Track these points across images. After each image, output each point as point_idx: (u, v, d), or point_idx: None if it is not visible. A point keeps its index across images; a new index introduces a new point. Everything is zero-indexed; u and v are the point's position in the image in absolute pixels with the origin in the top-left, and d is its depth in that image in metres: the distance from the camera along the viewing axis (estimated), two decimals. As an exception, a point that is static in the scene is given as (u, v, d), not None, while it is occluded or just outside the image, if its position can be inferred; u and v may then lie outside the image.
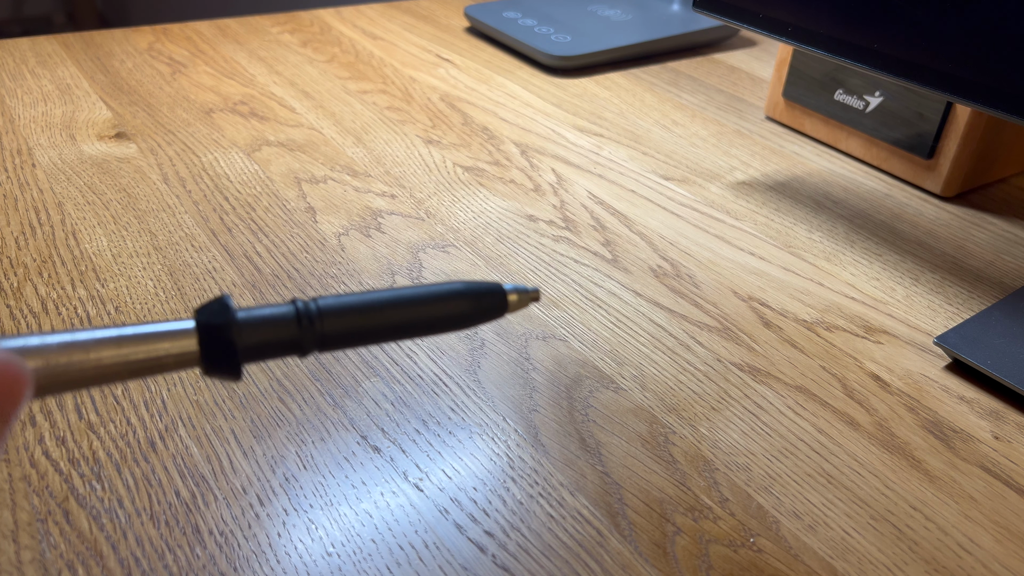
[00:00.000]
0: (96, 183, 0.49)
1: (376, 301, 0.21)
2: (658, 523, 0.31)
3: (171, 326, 0.19)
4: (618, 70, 0.71)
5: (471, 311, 0.23)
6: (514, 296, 0.24)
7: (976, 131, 0.51)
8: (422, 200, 0.50)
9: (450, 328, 0.23)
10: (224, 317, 0.20)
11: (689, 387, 0.37)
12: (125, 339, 0.19)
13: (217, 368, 0.20)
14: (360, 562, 0.29)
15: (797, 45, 0.45)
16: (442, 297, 0.22)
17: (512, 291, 0.24)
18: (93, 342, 0.18)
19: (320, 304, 0.21)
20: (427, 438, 0.34)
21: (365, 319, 0.21)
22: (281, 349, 0.20)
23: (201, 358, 0.20)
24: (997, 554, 0.30)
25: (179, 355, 0.19)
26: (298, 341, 0.20)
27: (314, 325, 0.20)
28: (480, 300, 0.23)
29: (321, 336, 0.21)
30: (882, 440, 0.35)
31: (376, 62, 0.69)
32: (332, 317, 0.21)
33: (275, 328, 0.20)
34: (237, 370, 0.20)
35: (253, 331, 0.20)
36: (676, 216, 0.50)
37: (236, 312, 0.20)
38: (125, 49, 0.68)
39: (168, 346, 0.19)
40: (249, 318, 0.20)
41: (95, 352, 0.18)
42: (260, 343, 0.20)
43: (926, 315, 0.43)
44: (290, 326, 0.20)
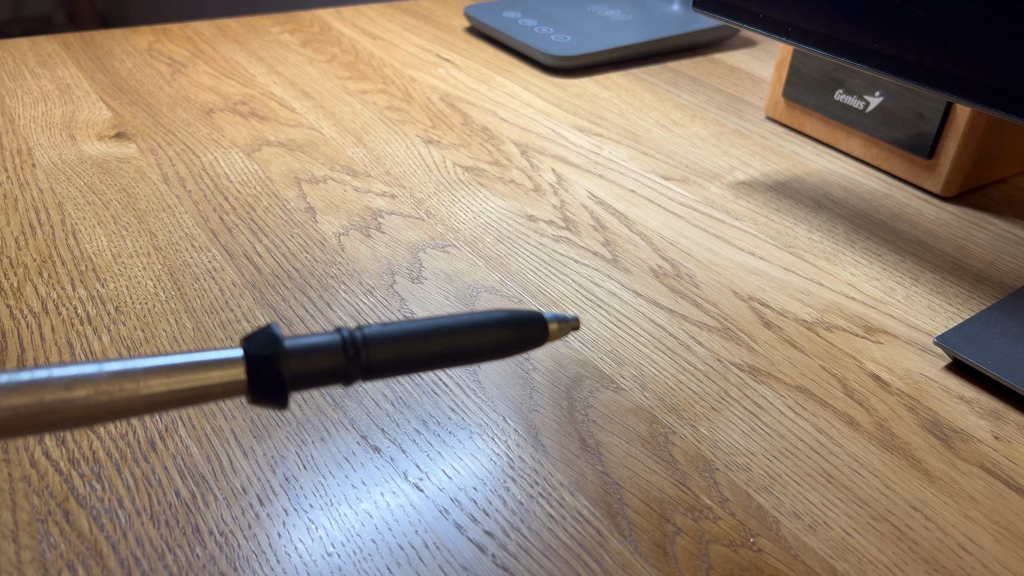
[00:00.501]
0: (96, 183, 0.49)
1: (421, 330, 0.22)
2: (658, 523, 0.31)
3: (220, 355, 0.20)
4: (618, 70, 0.71)
5: (513, 341, 0.23)
6: (555, 325, 0.24)
7: (976, 131, 0.51)
8: (422, 200, 0.50)
9: (491, 357, 0.23)
10: (273, 347, 0.20)
11: (689, 387, 0.37)
12: (174, 368, 0.19)
13: (264, 397, 0.20)
14: (360, 562, 0.29)
15: (797, 45, 0.45)
16: (485, 326, 0.22)
17: (553, 320, 0.24)
18: (143, 371, 0.19)
19: (366, 333, 0.21)
20: (427, 438, 0.34)
21: (410, 348, 0.21)
22: (327, 378, 0.20)
23: (249, 388, 0.20)
24: (997, 554, 0.30)
25: (227, 384, 0.19)
26: (344, 370, 0.20)
27: (360, 355, 0.21)
28: (522, 330, 0.23)
29: (367, 366, 0.21)
30: (882, 440, 0.35)
31: (376, 62, 0.69)
32: (378, 346, 0.21)
33: (322, 358, 0.20)
34: (284, 399, 0.20)
35: (301, 361, 0.20)
36: (676, 216, 0.50)
37: (284, 341, 0.20)
38: (125, 49, 0.68)
39: (217, 375, 0.19)
40: (297, 347, 0.20)
41: (145, 381, 0.19)
42: (307, 373, 0.20)
43: (926, 315, 0.43)
44: (337, 356, 0.20)
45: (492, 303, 0.41)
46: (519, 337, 0.23)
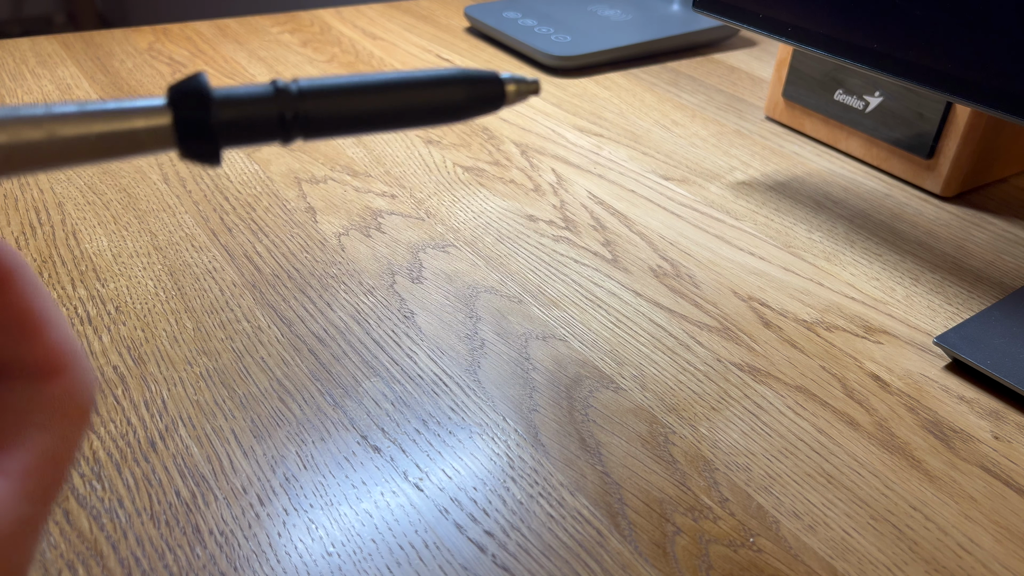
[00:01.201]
0: (96, 183, 0.49)
1: (363, 83, 0.20)
2: (658, 523, 0.31)
3: (144, 102, 0.19)
4: (618, 70, 0.71)
5: (465, 100, 0.21)
6: (512, 86, 0.22)
7: (976, 131, 0.51)
8: (422, 200, 0.50)
9: (443, 119, 0.21)
10: (198, 92, 0.19)
11: (689, 387, 0.37)
12: (93, 114, 0.18)
13: (194, 148, 0.19)
14: (360, 562, 0.29)
15: (797, 45, 0.45)
16: (435, 82, 0.21)
17: (510, 80, 0.22)
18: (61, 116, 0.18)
19: (302, 84, 0.20)
20: (427, 438, 0.34)
21: (351, 101, 0.20)
22: (261, 130, 0.19)
23: (176, 135, 0.19)
24: (997, 554, 0.30)
25: (152, 130, 0.19)
26: (279, 120, 0.19)
27: (295, 104, 0.19)
28: (475, 87, 0.21)
29: (304, 117, 0.19)
30: (882, 440, 0.35)
31: (376, 62, 0.69)
32: (315, 98, 0.20)
33: (254, 104, 0.19)
34: (215, 151, 0.19)
35: (230, 107, 0.19)
36: (676, 216, 0.50)
37: (211, 89, 0.19)
38: (125, 49, 0.68)
39: (141, 123, 0.18)
40: (225, 95, 0.19)
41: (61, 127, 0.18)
42: (238, 120, 0.19)
43: (926, 315, 0.43)
44: (269, 104, 0.19)
45: (492, 303, 0.41)
46: (472, 96, 0.21)
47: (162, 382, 0.35)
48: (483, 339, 0.39)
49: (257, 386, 0.36)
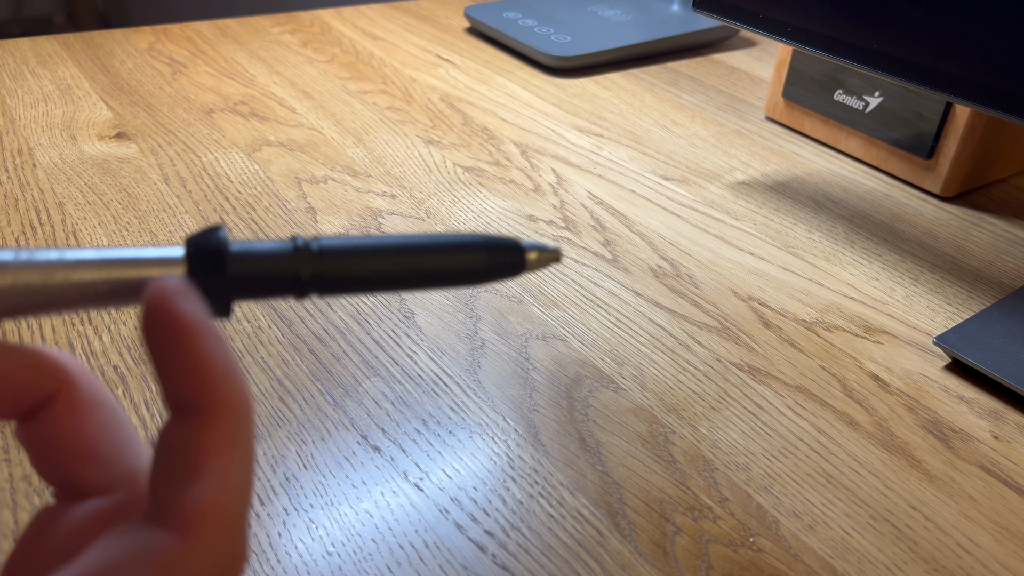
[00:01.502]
0: (97, 183, 0.49)
1: (383, 245, 0.20)
2: (658, 523, 0.31)
3: (160, 252, 0.18)
4: (618, 70, 0.71)
5: (485, 267, 0.21)
6: (533, 254, 0.21)
7: (976, 131, 0.51)
8: (422, 200, 0.50)
9: (461, 283, 0.21)
10: (216, 247, 0.18)
11: (689, 387, 0.37)
12: (109, 262, 0.18)
13: (205, 301, 0.18)
14: (360, 562, 0.29)
15: (797, 45, 0.45)
16: (455, 248, 0.20)
17: (531, 249, 0.21)
18: (74, 262, 0.18)
19: (323, 243, 0.19)
20: (427, 438, 0.34)
21: (370, 263, 0.20)
22: (276, 287, 0.19)
23: None
24: (996, 554, 0.30)
25: None
26: (296, 277, 0.19)
27: (314, 263, 0.19)
28: (496, 255, 0.21)
29: (321, 276, 0.19)
30: (882, 440, 0.35)
31: (376, 62, 0.69)
32: (334, 257, 0.19)
33: (271, 261, 0.19)
34: (226, 305, 0.19)
35: (247, 263, 0.19)
36: (676, 216, 0.50)
37: (230, 243, 0.19)
38: (125, 49, 0.68)
39: (155, 271, 0.18)
40: (244, 250, 0.19)
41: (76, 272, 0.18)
42: (253, 274, 0.19)
43: (926, 315, 0.43)
44: (288, 260, 0.19)
45: (492, 303, 0.41)
46: (492, 263, 0.21)
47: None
48: (483, 339, 0.39)
49: (257, 386, 0.36)
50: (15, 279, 0.17)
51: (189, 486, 0.16)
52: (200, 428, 0.17)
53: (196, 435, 0.17)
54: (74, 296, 0.18)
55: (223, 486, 0.16)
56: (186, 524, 0.16)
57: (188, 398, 0.17)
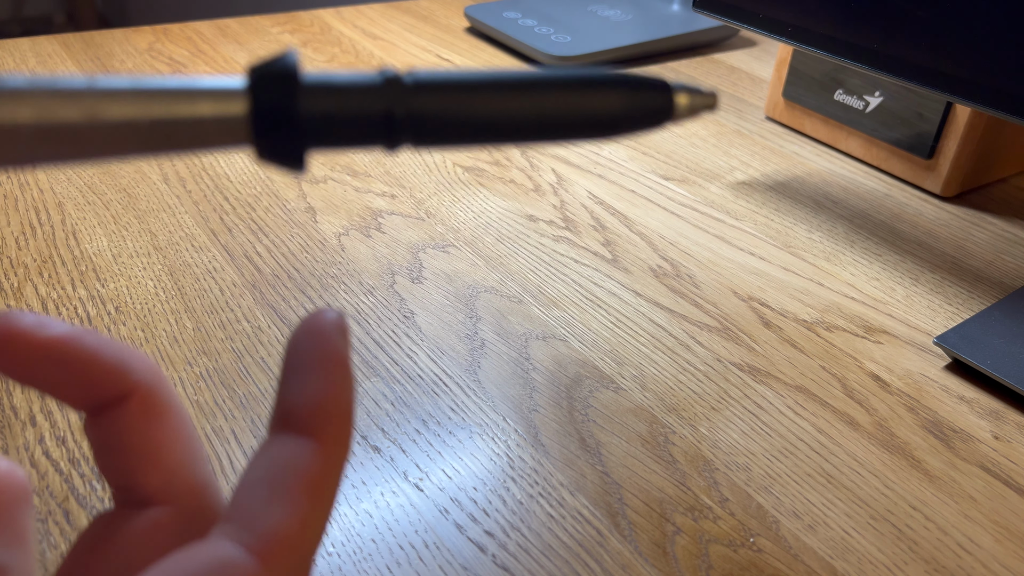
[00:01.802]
0: (96, 183, 0.49)
1: (495, 79, 0.16)
2: (658, 523, 0.31)
3: (214, 82, 0.15)
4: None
5: (624, 109, 0.16)
6: (684, 98, 0.17)
7: (976, 131, 0.51)
8: (422, 200, 0.50)
9: (592, 133, 0.17)
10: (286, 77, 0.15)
11: (689, 387, 0.37)
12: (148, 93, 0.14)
13: (274, 148, 0.15)
14: (360, 562, 0.29)
15: (797, 45, 0.45)
16: (586, 84, 0.16)
17: (681, 90, 0.17)
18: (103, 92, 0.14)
19: (419, 76, 0.16)
20: (427, 438, 0.34)
21: (478, 102, 0.16)
22: (362, 132, 0.15)
23: (252, 130, 0.15)
24: (997, 554, 0.30)
25: (220, 120, 0.14)
26: (386, 118, 0.15)
27: (409, 99, 0.15)
28: (638, 96, 0.17)
29: (419, 117, 0.15)
30: (882, 440, 0.35)
31: (376, 62, 0.69)
32: (434, 92, 0.15)
33: (355, 96, 0.15)
34: (299, 154, 0.15)
35: (324, 99, 0.15)
36: (676, 216, 0.50)
37: (303, 73, 0.15)
38: (125, 49, 0.68)
39: (207, 108, 0.14)
40: (320, 82, 0.15)
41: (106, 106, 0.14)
42: (333, 118, 0.15)
43: (926, 315, 0.43)
44: (376, 95, 0.15)
45: (492, 303, 0.41)
46: (632, 106, 0.16)
47: (162, 382, 0.35)
48: (483, 339, 0.39)
49: (257, 386, 0.36)
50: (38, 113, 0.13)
51: (282, 512, 0.16)
52: (307, 453, 0.16)
53: (302, 459, 0.16)
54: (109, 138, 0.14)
55: (312, 519, 0.16)
56: (269, 551, 0.15)
57: (305, 418, 0.16)
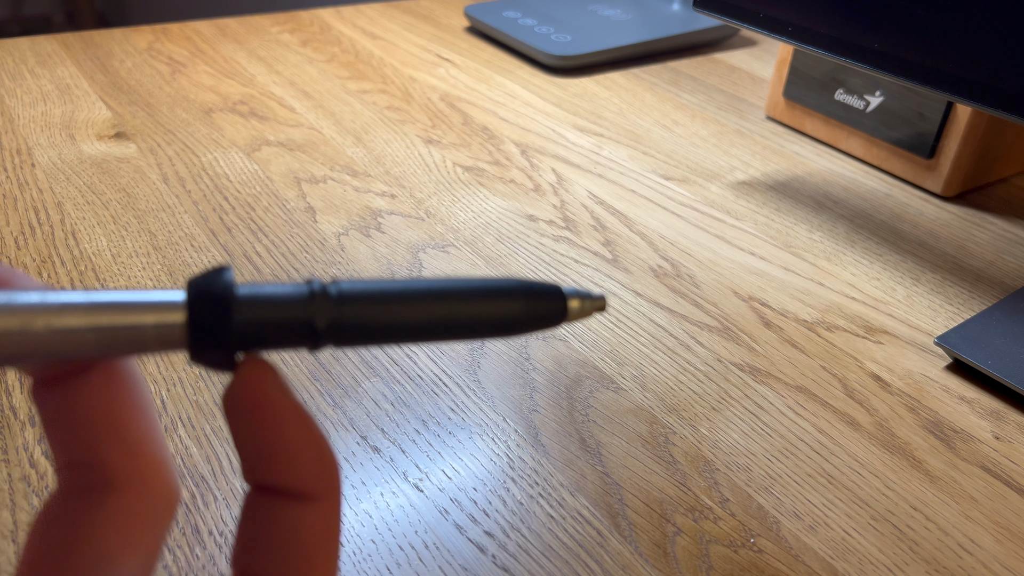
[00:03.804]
0: (96, 183, 0.49)
1: (410, 291, 0.18)
2: (658, 523, 0.31)
3: (157, 296, 0.16)
4: (618, 70, 0.71)
5: (523, 316, 0.18)
6: (575, 302, 0.19)
7: (976, 131, 0.51)
8: (422, 200, 0.50)
9: (494, 334, 0.19)
10: (220, 291, 0.16)
11: (689, 387, 0.37)
12: (98, 307, 0.16)
13: (206, 352, 0.16)
14: (360, 562, 0.29)
15: (797, 45, 0.44)
16: (490, 294, 0.18)
17: (573, 296, 0.19)
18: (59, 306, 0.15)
19: (342, 287, 0.17)
20: (427, 438, 0.34)
21: (394, 310, 0.17)
22: (288, 337, 0.17)
23: (188, 337, 0.16)
24: (997, 554, 0.30)
25: (160, 328, 0.16)
26: (309, 326, 0.17)
27: (332, 310, 0.17)
28: (535, 302, 0.18)
29: (339, 324, 0.17)
30: (882, 440, 0.35)
31: (376, 62, 0.69)
32: (355, 303, 0.17)
33: (283, 308, 0.16)
34: (230, 356, 0.16)
35: (255, 309, 0.16)
36: (676, 216, 0.50)
37: (236, 286, 0.16)
38: (125, 49, 0.68)
39: (149, 318, 0.16)
40: (252, 295, 0.16)
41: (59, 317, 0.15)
42: (262, 322, 0.16)
43: (927, 315, 0.43)
44: (301, 308, 0.17)
45: (492, 303, 0.41)
46: (530, 312, 0.18)
47: (161, 382, 0.35)
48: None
49: (257, 386, 0.36)
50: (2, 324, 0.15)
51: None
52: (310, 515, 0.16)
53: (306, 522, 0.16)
54: (58, 345, 0.16)
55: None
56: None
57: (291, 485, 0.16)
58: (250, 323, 0.16)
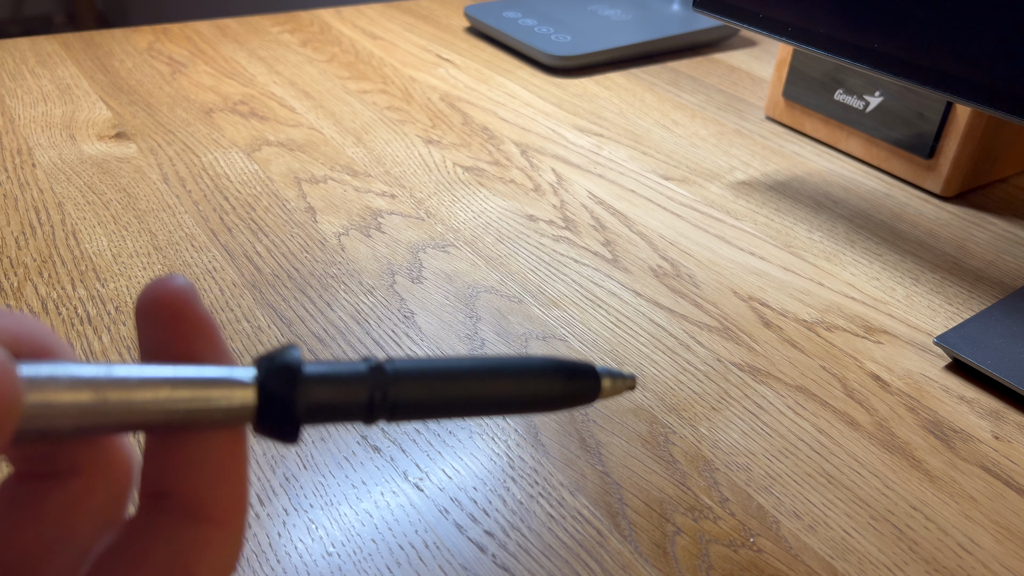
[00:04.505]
0: (96, 183, 0.49)
1: (457, 370, 0.19)
2: (658, 523, 0.31)
3: (228, 373, 0.17)
4: (618, 70, 0.71)
5: (561, 394, 0.20)
6: (608, 382, 0.21)
7: (976, 131, 0.51)
8: (422, 200, 0.50)
9: (533, 409, 0.20)
10: (290, 375, 0.17)
11: (689, 387, 0.37)
12: (171, 382, 0.16)
13: (273, 430, 0.17)
14: (360, 562, 0.29)
15: (797, 45, 0.45)
16: (531, 373, 0.20)
17: (606, 375, 0.21)
18: (135, 382, 0.16)
19: (397, 367, 0.18)
20: (427, 438, 0.34)
21: (443, 390, 0.19)
22: (347, 414, 0.18)
23: (257, 417, 0.17)
24: (997, 554, 0.30)
25: (233, 410, 0.17)
26: (368, 407, 0.18)
27: (388, 391, 0.18)
28: (572, 382, 0.20)
29: (393, 404, 0.18)
30: (882, 440, 0.35)
31: (376, 62, 0.69)
32: (408, 381, 0.18)
33: (344, 390, 0.18)
34: (295, 434, 0.17)
35: (320, 391, 0.17)
36: (676, 216, 0.50)
37: (304, 368, 0.17)
38: (125, 49, 0.68)
39: (223, 398, 0.17)
40: (318, 375, 0.18)
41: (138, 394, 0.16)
42: (326, 405, 0.18)
43: (926, 315, 0.43)
44: (361, 384, 0.18)
45: (492, 303, 0.41)
46: (568, 391, 0.20)
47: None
48: (483, 339, 0.39)
49: (257, 386, 0.36)
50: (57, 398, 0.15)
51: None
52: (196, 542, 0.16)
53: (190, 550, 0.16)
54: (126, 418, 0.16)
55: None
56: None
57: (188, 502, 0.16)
58: (315, 404, 0.17)
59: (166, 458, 0.17)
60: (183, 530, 0.16)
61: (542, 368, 0.20)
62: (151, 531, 0.16)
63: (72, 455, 0.17)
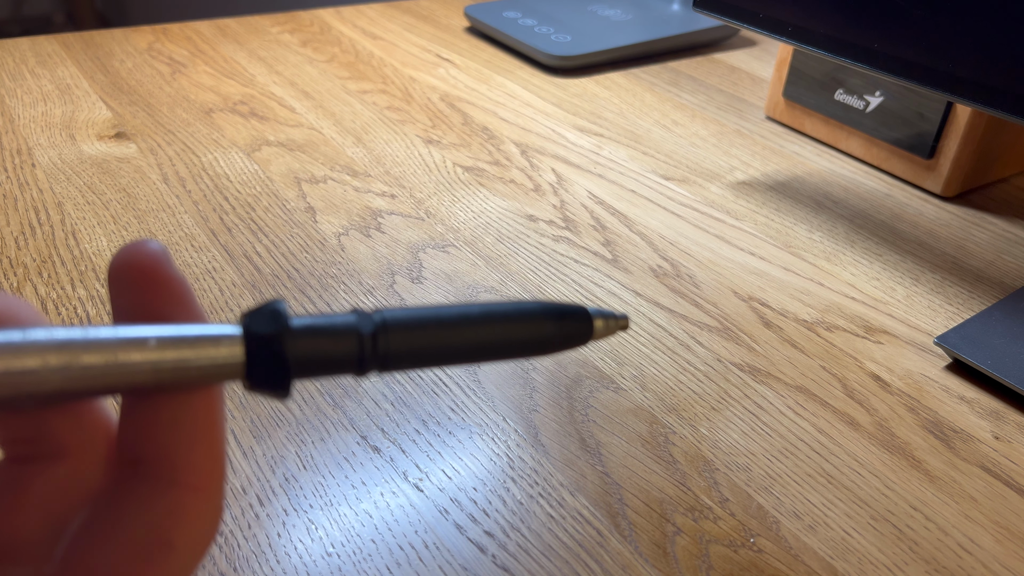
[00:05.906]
0: (96, 183, 0.49)
1: (447, 317, 0.19)
2: (658, 523, 0.31)
3: (213, 329, 0.17)
4: (618, 70, 0.71)
5: (552, 336, 0.20)
6: (600, 322, 0.21)
7: (976, 131, 0.51)
8: (422, 200, 0.50)
9: (527, 354, 0.20)
10: (277, 324, 0.17)
11: (689, 387, 0.37)
12: (156, 341, 0.16)
13: (263, 383, 0.17)
14: (360, 562, 0.29)
15: (797, 45, 0.45)
16: (522, 316, 0.20)
17: (598, 315, 0.21)
18: (118, 342, 0.16)
19: (386, 316, 0.18)
20: (427, 438, 0.34)
21: (434, 336, 0.19)
22: (338, 365, 0.18)
23: (246, 370, 0.17)
24: (997, 554, 0.30)
25: (220, 365, 0.17)
26: (359, 357, 0.18)
27: (378, 339, 0.18)
28: (564, 323, 0.20)
29: (385, 355, 0.18)
30: (882, 440, 0.35)
31: (376, 62, 0.69)
32: (398, 333, 0.18)
33: (334, 341, 0.18)
34: (286, 387, 0.17)
35: (308, 343, 0.17)
36: (676, 216, 0.50)
37: (290, 319, 0.17)
38: (125, 49, 0.68)
39: (209, 353, 0.16)
40: (305, 327, 0.17)
41: (124, 354, 0.16)
42: (315, 356, 0.18)
43: (926, 315, 0.43)
44: (351, 340, 0.18)
45: (492, 303, 0.41)
46: (560, 332, 0.20)
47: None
48: (483, 339, 0.39)
49: (257, 386, 0.36)
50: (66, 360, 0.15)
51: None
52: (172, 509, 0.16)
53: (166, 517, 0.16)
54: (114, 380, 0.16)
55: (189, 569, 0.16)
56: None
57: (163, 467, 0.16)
58: (304, 355, 0.17)
59: (141, 422, 0.17)
60: (159, 497, 0.16)
61: (533, 312, 0.20)
62: (127, 500, 0.16)
63: (59, 437, 0.17)
